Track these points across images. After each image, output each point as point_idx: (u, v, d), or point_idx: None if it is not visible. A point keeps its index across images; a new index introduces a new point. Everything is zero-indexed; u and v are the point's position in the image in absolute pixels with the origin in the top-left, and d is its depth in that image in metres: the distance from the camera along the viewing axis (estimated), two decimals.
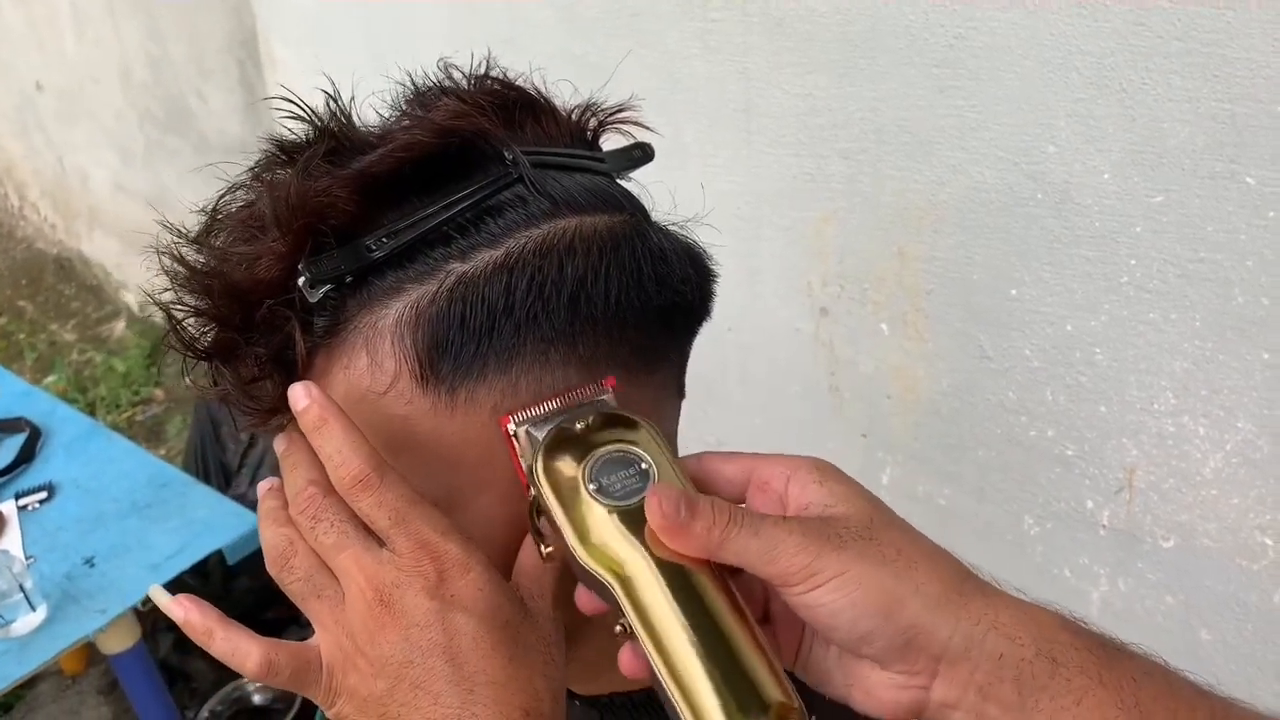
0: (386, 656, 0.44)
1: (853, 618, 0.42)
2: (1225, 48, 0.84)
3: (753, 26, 1.20)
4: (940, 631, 0.42)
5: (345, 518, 0.45)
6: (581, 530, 0.44)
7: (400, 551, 0.44)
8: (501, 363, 0.47)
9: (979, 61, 1.00)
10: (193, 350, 0.48)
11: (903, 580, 0.42)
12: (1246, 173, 0.86)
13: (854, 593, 0.42)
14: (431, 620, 0.43)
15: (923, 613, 0.42)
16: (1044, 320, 1.05)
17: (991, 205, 1.05)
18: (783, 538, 0.42)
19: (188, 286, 0.47)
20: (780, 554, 0.42)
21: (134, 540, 1.69)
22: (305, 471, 0.47)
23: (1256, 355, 0.91)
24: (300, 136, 0.49)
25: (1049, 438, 1.10)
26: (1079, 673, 0.42)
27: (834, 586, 0.42)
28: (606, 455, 0.46)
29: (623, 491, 0.45)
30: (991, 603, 0.43)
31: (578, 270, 0.47)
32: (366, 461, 0.44)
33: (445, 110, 0.49)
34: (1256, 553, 0.97)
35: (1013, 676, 0.42)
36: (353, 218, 0.46)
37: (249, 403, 0.48)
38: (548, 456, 0.45)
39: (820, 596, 0.42)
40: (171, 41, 2.76)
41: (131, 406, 3.24)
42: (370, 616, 0.44)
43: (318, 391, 0.45)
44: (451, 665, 0.43)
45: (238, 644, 0.47)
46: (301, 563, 0.46)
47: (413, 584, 0.44)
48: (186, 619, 0.48)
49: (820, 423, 1.34)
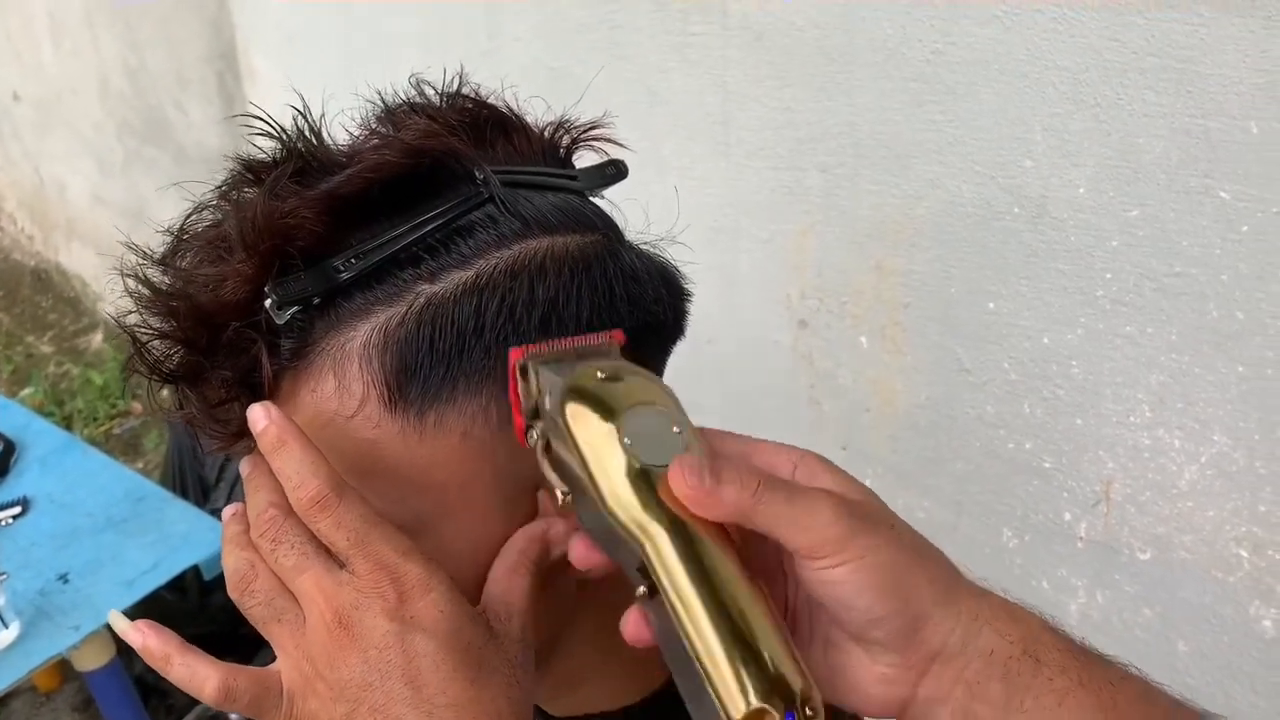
0: (346, 680, 0.43)
1: (873, 598, 0.42)
2: (1199, 64, 0.84)
3: (731, 40, 1.20)
4: (944, 624, 0.43)
5: (306, 539, 0.45)
6: (614, 482, 0.42)
7: (359, 573, 0.43)
8: (472, 386, 0.46)
9: (956, 76, 1.01)
10: (158, 373, 0.47)
11: (916, 570, 0.43)
12: (1220, 187, 0.87)
13: (878, 573, 0.42)
14: (391, 642, 0.42)
15: (931, 604, 0.43)
16: (1021, 334, 1.05)
17: (969, 219, 1.05)
18: (817, 506, 0.42)
19: (153, 309, 0.46)
20: (815, 523, 0.42)
21: (109, 556, 1.67)
22: (266, 494, 0.46)
23: (1231, 368, 0.91)
24: (268, 155, 0.48)
25: (1027, 450, 1.10)
26: (1060, 673, 0.43)
27: (861, 565, 0.42)
28: (642, 410, 0.44)
29: (658, 451, 0.43)
30: (984, 600, 0.44)
31: (549, 291, 0.46)
32: (325, 482, 0.43)
33: (415, 129, 0.48)
34: (1232, 565, 0.97)
35: (1000, 674, 0.43)
36: (320, 239, 0.45)
37: (216, 426, 0.47)
38: (575, 399, 0.43)
39: (846, 573, 0.42)
40: (150, 52, 2.75)
41: (109, 419, 3.21)
42: (330, 639, 0.43)
43: (276, 412, 0.44)
44: (411, 688, 0.42)
45: (195, 669, 0.46)
46: (262, 586, 0.45)
47: (372, 605, 0.43)
48: (144, 645, 0.47)
49: (799, 435, 1.34)
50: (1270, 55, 0.81)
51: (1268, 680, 0.98)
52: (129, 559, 1.66)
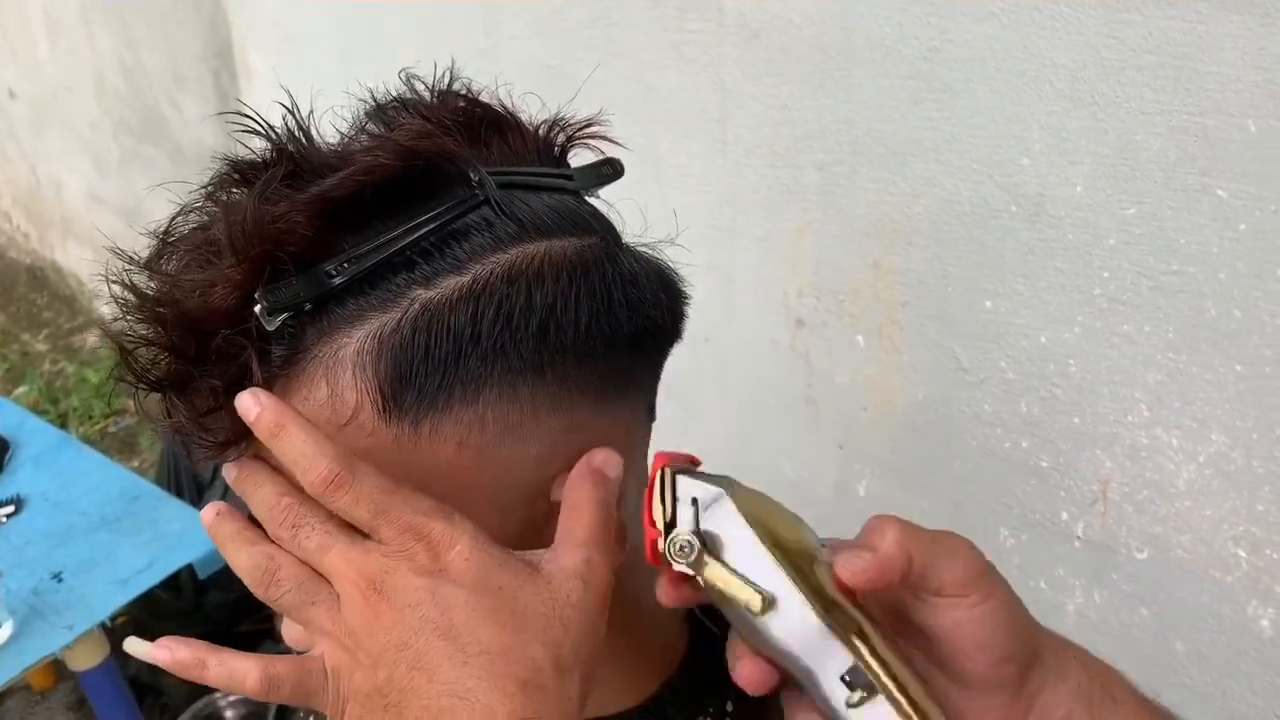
0: (384, 644, 0.42)
1: (1006, 634, 0.44)
2: (1196, 61, 0.84)
3: (728, 38, 1.20)
4: (1047, 656, 0.46)
5: (324, 518, 0.44)
6: (822, 587, 0.43)
7: (386, 539, 0.43)
8: (468, 394, 0.45)
9: (953, 74, 1.00)
10: (145, 381, 0.46)
11: (1022, 609, 0.46)
12: (1218, 185, 0.86)
13: (1010, 611, 0.44)
14: (422, 598, 0.42)
15: (1039, 637, 0.46)
16: (1018, 332, 1.05)
17: (966, 217, 1.05)
18: (960, 545, 0.45)
19: (139, 315, 0.45)
20: (962, 558, 0.44)
21: (103, 555, 1.67)
22: (272, 486, 0.45)
23: (1229, 367, 0.91)
24: (256, 155, 0.47)
25: (1024, 449, 1.10)
26: (1132, 714, 0.46)
27: (990, 607, 0.44)
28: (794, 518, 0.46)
29: (825, 552, 0.45)
30: (1061, 638, 0.48)
31: (547, 298, 0.46)
32: (335, 460, 0.43)
33: (408, 130, 0.47)
34: (1230, 564, 0.97)
35: (1085, 708, 0.46)
36: (312, 243, 0.44)
37: (204, 435, 0.46)
38: (753, 510, 0.44)
39: (988, 610, 0.44)
40: (146, 50, 2.74)
41: (104, 418, 3.20)
42: (367, 607, 0.43)
43: (267, 397, 0.43)
44: (446, 639, 0.42)
45: (233, 667, 0.46)
46: (288, 574, 0.45)
47: (401, 566, 0.43)
48: (174, 659, 0.47)
49: (797, 434, 1.34)
50: (1268, 53, 0.80)
51: (1265, 680, 0.98)
52: (123, 558, 1.66)
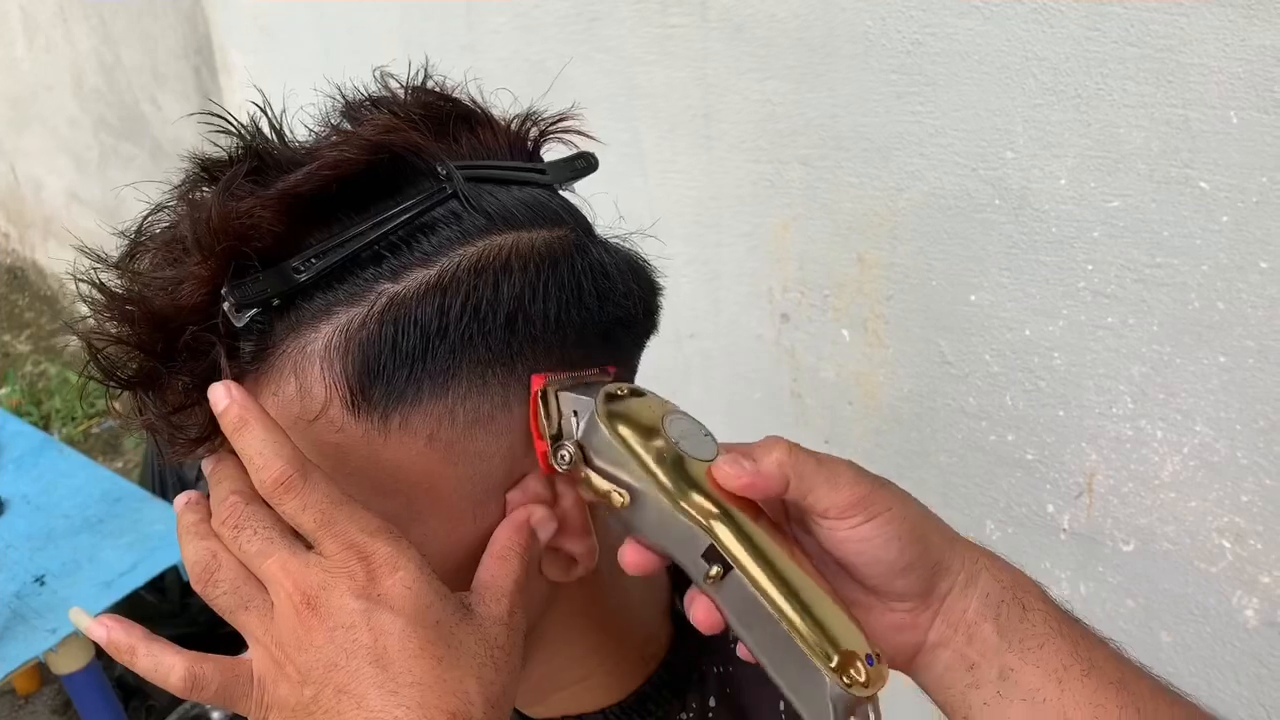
0: (314, 661, 0.42)
1: (900, 548, 0.45)
2: (1179, 53, 0.84)
3: (712, 32, 1.19)
4: (954, 564, 0.47)
5: (269, 524, 0.44)
6: (674, 479, 0.45)
7: (327, 553, 0.43)
8: (437, 387, 0.45)
9: (936, 67, 1.00)
10: (115, 379, 0.46)
11: (929, 517, 0.48)
12: (1201, 177, 0.86)
13: (901, 525, 0.45)
14: (357, 621, 0.42)
15: (945, 546, 0.47)
16: (1003, 325, 1.05)
17: (950, 211, 1.05)
18: (842, 469, 0.46)
19: (108, 313, 0.45)
20: (842, 481, 0.45)
21: (86, 557, 1.66)
22: (229, 483, 0.45)
23: (1213, 359, 0.91)
24: (225, 153, 0.47)
25: (1009, 442, 1.10)
26: (1043, 621, 0.47)
27: (883, 521, 0.45)
28: (677, 417, 0.48)
29: (700, 448, 0.47)
30: (979, 548, 0.49)
31: (514, 288, 0.46)
32: (289, 463, 0.42)
33: (375, 125, 0.47)
34: (1215, 555, 0.98)
35: (993, 615, 0.47)
36: (278, 239, 0.44)
37: (175, 432, 0.46)
38: (617, 412, 0.46)
39: (873, 528, 0.45)
40: (124, 48, 2.72)
41: (87, 419, 3.18)
42: (298, 621, 0.42)
43: (239, 391, 0.43)
44: (377, 667, 0.41)
45: (160, 659, 0.45)
46: (226, 575, 0.44)
47: (339, 585, 0.42)
48: (109, 638, 0.46)
49: (783, 429, 1.33)
50: (1250, 45, 0.80)
51: (1250, 670, 0.98)
52: (107, 560, 1.65)
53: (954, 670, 0.47)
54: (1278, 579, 0.94)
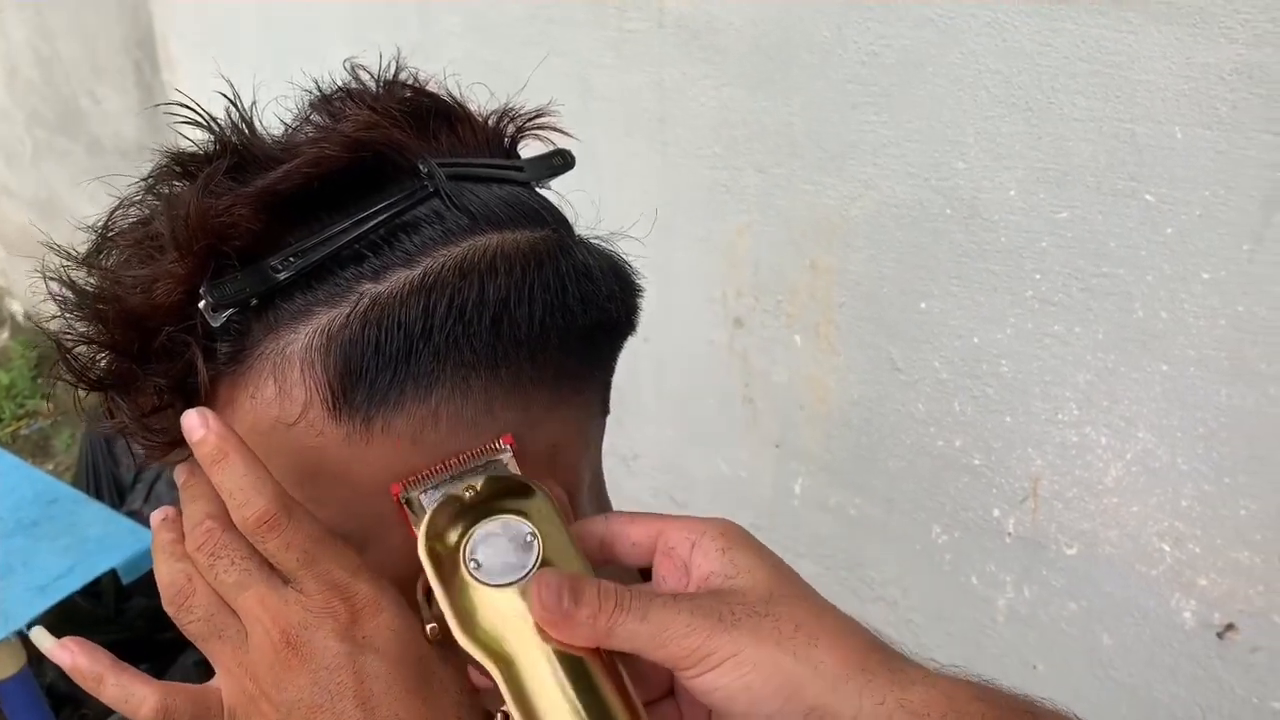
0: (294, 700, 0.41)
1: (749, 700, 0.40)
2: (1127, 70, 0.86)
3: (668, 38, 1.20)
4: (844, 712, 0.40)
5: (247, 554, 0.43)
6: (460, 610, 0.42)
7: (309, 592, 0.42)
8: (420, 390, 0.44)
9: (890, 78, 1.02)
10: (85, 381, 0.44)
11: (801, 660, 0.40)
12: (1146, 190, 0.89)
13: (749, 674, 0.40)
14: (342, 663, 0.41)
15: (824, 693, 0.40)
16: (952, 333, 1.07)
17: (902, 219, 1.06)
18: (670, 620, 0.40)
19: (78, 312, 0.44)
20: (669, 637, 0.40)
21: (19, 561, 1.61)
22: (204, 505, 0.44)
23: (1156, 367, 0.94)
24: (197, 147, 0.46)
25: (957, 448, 1.12)
26: None
27: (728, 669, 0.40)
28: (488, 529, 0.43)
29: (503, 569, 0.43)
30: (898, 679, 0.40)
31: (500, 291, 0.45)
32: (271, 501, 0.41)
33: (355, 121, 0.46)
34: (1155, 559, 1.00)
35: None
36: (257, 237, 0.43)
37: (148, 435, 0.45)
38: (431, 530, 0.43)
39: (715, 680, 0.40)
40: (62, 40, 2.65)
41: (15, 420, 3.09)
42: (276, 659, 0.41)
43: (215, 421, 0.42)
44: (363, 709, 0.40)
45: (131, 689, 0.44)
46: (200, 601, 0.43)
47: (322, 625, 0.41)
48: (74, 664, 0.45)
49: (734, 433, 1.35)
50: (1194, 63, 0.83)
51: (1188, 671, 1.01)
52: (41, 564, 1.60)
53: None
54: (1214, 582, 0.97)
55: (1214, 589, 0.97)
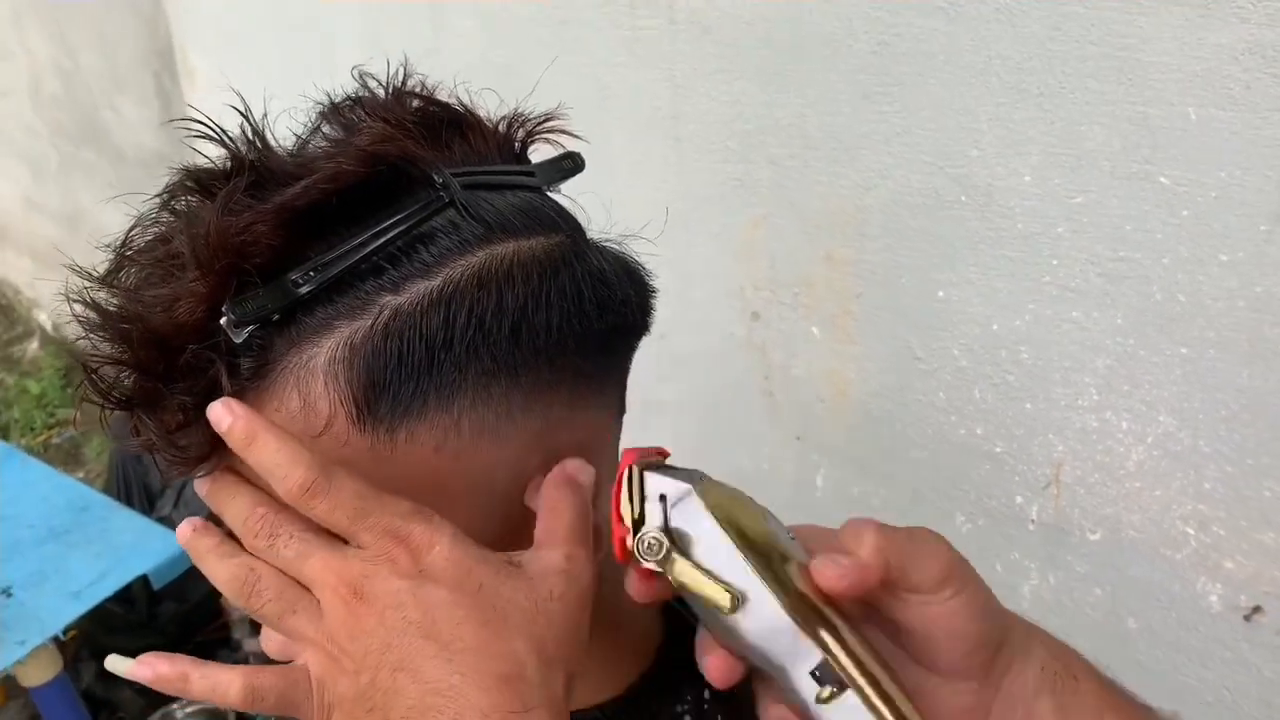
0: (368, 648, 0.42)
1: (978, 624, 0.45)
2: (1139, 52, 0.86)
3: (679, 34, 1.20)
4: (1014, 638, 0.46)
5: (301, 527, 0.44)
6: (789, 585, 0.43)
7: (365, 544, 0.43)
8: (442, 399, 0.45)
9: (901, 68, 1.02)
10: (111, 400, 0.45)
11: (990, 596, 0.46)
12: (1161, 173, 0.88)
13: (980, 600, 0.45)
14: (405, 600, 0.42)
15: (1007, 617, 0.47)
16: (971, 321, 1.07)
17: (917, 208, 1.06)
18: (929, 540, 0.45)
19: (103, 333, 0.44)
20: (937, 553, 0.45)
21: (53, 568, 1.64)
22: (246, 497, 0.45)
23: (1175, 350, 0.93)
24: (213, 163, 0.46)
25: (978, 436, 1.12)
26: (1093, 694, 0.46)
27: (970, 596, 0.45)
28: (767, 511, 0.46)
29: (795, 547, 0.46)
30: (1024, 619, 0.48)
31: (518, 299, 0.46)
32: (310, 468, 0.42)
33: (370, 134, 0.47)
34: (1179, 542, 1.00)
35: (1050, 689, 0.46)
36: (277, 253, 0.44)
37: (175, 452, 0.45)
38: (718, 503, 0.44)
39: (963, 601, 0.44)
40: (83, 53, 2.69)
41: (47, 429, 3.14)
42: (348, 614, 0.43)
43: (239, 406, 0.43)
44: (429, 639, 0.42)
45: (216, 678, 0.45)
46: (268, 584, 0.44)
47: (381, 570, 0.43)
48: (156, 675, 0.46)
49: (755, 427, 1.35)
50: (1206, 43, 0.82)
51: (1214, 654, 1.01)
52: (74, 571, 1.63)
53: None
54: (1240, 564, 0.97)
55: (1240, 571, 0.97)
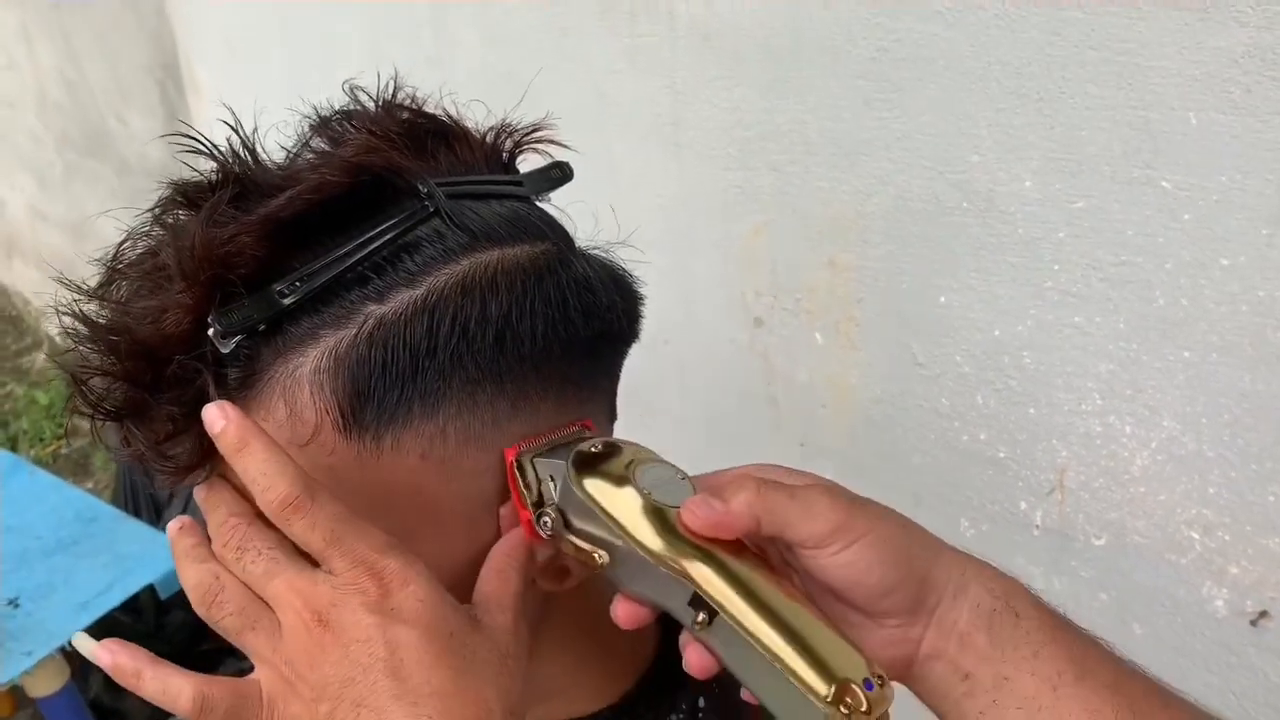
0: (328, 678, 0.42)
1: (882, 572, 0.46)
2: (1138, 56, 0.86)
3: (679, 42, 1.20)
4: (940, 579, 0.47)
5: (272, 544, 0.44)
6: (649, 531, 0.46)
7: (337, 570, 0.43)
8: (427, 406, 0.45)
9: (901, 73, 1.02)
10: (101, 411, 0.45)
11: (910, 537, 0.48)
12: (1162, 177, 0.88)
13: (881, 548, 0.46)
14: (373, 635, 0.42)
15: (930, 563, 0.47)
16: (973, 326, 1.07)
17: (918, 214, 1.06)
18: (816, 497, 0.46)
19: (91, 345, 0.45)
20: (816, 511, 0.45)
21: (61, 579, 1.64)
22: (226, 507, 0.45)
23: (1178, 355, 0.93)
24: (201, 176, 0.47)
25: (981, 441, 1.11)
26: (1037, 628, 0.47)
27: (867, 543, 0.45)
28: (649, 467, 0.48)
29: (673, 495, 0.47)
30: (967, 557, 0.49)
31: (502, 307, 0.46)
32: (294, 483, 0.42)
33: (354, 145, 0.47)
34: (1184, 547, 0.99)
35: (985, 625, 0.47)
36: (262, 264, 0.44)
37: (164, 462, 0.46)
38: (588, 473, 0.47)
39: (853, 554, 0.45)
40: (89, 64, 2.70)
41: (56, 440, 3.15)
42: (310, 640, 0.42)
43: (234, 411, 0.43)
44: (395, 679, 0.41)
45: (168, 682, 0.45)
46: (231, 596, 0.44)
47: (351, 601, 0.42)
48: (114, 663, 0.46)
49: (758, 433, 1.35)
50: (1206, 47, 0.82)
51: (1221, 659, 1.00)
52: (81, 581, 1.64)
53: (948, 680, 0.48)
54: (1246, 569, 0.96)
55: (1245, 576, 0.96)
